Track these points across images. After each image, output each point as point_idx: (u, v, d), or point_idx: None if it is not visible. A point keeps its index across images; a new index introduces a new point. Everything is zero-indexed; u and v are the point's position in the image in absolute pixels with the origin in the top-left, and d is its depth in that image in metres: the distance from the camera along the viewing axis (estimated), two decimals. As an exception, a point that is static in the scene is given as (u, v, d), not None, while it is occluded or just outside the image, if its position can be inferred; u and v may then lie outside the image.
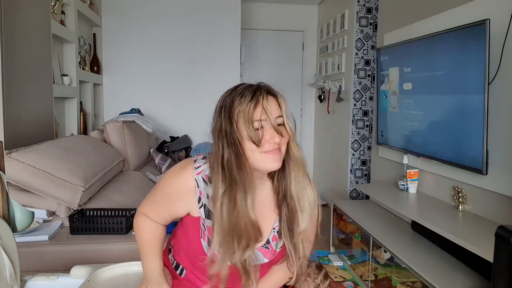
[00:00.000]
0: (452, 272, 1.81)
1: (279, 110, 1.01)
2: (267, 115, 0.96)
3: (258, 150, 0.97)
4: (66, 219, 1.90)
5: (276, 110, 1.00)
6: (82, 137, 2.63)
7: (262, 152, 0.97)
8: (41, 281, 1.26)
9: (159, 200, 1.12)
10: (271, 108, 0.98)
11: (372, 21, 3.70)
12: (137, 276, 1.18)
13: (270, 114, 0.97)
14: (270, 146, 0.96)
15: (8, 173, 1.67)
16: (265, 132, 0.97)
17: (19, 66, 2.17)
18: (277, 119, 0.99)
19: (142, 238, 1.15)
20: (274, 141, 0.96)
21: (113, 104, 4.00)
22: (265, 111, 0.96)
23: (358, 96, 3.78)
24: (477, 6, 1.97)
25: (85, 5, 3.38)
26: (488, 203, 1.90)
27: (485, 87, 1.75)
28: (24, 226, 1.17)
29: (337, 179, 4.14)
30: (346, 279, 2.57)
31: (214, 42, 4.10)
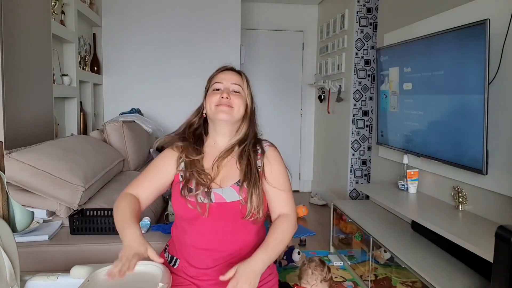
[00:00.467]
0: (452, 272, 1.81)
1: (238, 81, 1.34)
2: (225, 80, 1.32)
3: (214, 103, 1.29)
4: (66, 219, 1.90)
5: (235, 79, 1.34)
6: (82, 137, 2.63)
7: (216, 105, 1.29)
8: (41, 281, 1.26)
9: (145, 173, 1.34)
10: (230, 77, 1.34)
11: (372, 21, 3.70)
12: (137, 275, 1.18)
13: (226, 80, 1.32)
14: (220, 100, 1.28)
15: (8, 173, 1.68)
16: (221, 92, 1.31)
17: (19, 66, 2.17)
18: (233, 85, 1.32)
19: (118, 211, 1.23)
20: (223, 96, 1.28)
21: (113, 104, 4.00)
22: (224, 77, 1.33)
23: (358, 96, 3.79)
24: (477, 6, 1.97)
25: (85, 5, 3.38)
26: (488, 203, 1.90)
27: (485, 87, 1.75)
28: (24, 226, 1.17)
29: (337, 179, 4.14)
30: (346, 279, 2.57)
31: (214, 42, 4.10)
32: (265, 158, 1.34)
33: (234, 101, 1.29)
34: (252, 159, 1.31)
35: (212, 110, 1.29)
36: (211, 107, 1.29)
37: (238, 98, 1.31)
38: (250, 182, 1.27)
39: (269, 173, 1.32)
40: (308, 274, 1.88)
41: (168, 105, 4.08)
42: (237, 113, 1.30)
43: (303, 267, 1.94)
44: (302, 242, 3.19)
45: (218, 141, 1.35)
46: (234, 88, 1.32)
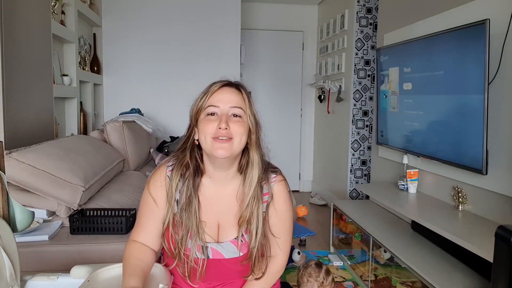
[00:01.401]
0: (452, 272, 1.81)
1: (239, 102, 1.08)
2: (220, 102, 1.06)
3: (209, 134, 1.05)
4: (66, 219, 1.90)
5: (235, 101, 1.08)
6: (82, 137, 2.63)
7: (213, 138, 1.05)
8: (41, 281, 1.26)
9: (143, 213, 1.17)
10: (228, 97, 1.07)
11: (372, 21, 3.70)
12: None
13: (224, 102, 1.06)
14: (219, 132, 1.04)
15: (8, 173, 1.68)
16: (217, 118, 1.06)
17: (19, 66, 2.17)
18: (233, 109, 1.07)
19: (128, 261, 1.10)
20: (221, 127, 1.03)
21: (113, 104, 4.00)
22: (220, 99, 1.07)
23: (358, 96, 3.79)
24: (477, 6, 1.97)
25: (85, 5, 3.38)
26: (488, 203, 1.90)
27: (485, 87, 1.75)
28: (24, 226, 1.17)
29: (337, 179, 4.14)
30: (346, 279, 2.57)
31: (214, 42, 4.10)
32: (271, 202, 1.15)
33: (234, 131, 1.05)
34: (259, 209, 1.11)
35: (208, 144, 1.05)
36: (206, 139, 1.05)
37: (239, 125, 1.06)
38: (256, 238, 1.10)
39: (274, 224, 1.16)
40: (303, 281, 1.82)
41: (168, 105, 4.08)
42: (238, 145, 1.07)
43: (299, 273, 1.88)
44: (302, 242, 3.19)
45: (214, 175, 1.14)
46: (234, 111, 1.07)
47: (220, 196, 1.15)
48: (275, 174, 1.18)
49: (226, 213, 1.14)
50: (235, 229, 1.14)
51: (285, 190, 1.19)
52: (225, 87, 1.10)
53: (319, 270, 1.84)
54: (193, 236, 1.10)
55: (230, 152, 1.05)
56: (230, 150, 1.05)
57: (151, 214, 1.16)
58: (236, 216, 1.14)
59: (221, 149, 1.04)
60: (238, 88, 1.11)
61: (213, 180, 1.15)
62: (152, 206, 1.15)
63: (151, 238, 1.17)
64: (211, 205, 1.14)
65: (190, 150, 1.13)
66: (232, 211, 1.14)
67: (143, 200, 1.18)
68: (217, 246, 1.13)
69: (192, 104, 1.12)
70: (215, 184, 1.15)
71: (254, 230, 1.11)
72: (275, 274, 1.22)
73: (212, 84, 1.11)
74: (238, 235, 1.13)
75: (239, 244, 1.13)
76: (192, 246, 1.10)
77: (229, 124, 1.05)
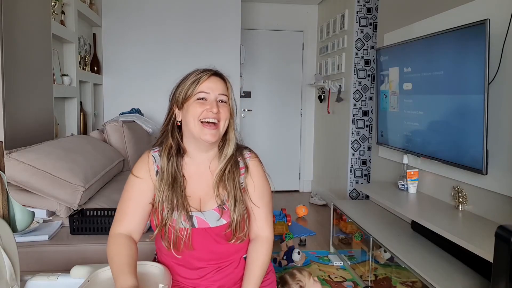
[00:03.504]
0: (452, 272, 1.81)
1: (224, 90, 1.22)
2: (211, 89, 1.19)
3: (198, 117, 1.17)
4: (66, 219, 1.90)
5: (221, 88, 1.21)
6: (82, 137, 2.63)
7: (202, 122, 1.17)
8: (41, 281, 1.26)
9: (127, 197, 1.23)
10: (217, 86, 1.20)
11: (372, 21, 3.70)
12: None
13: (213, 89, 1.19)
14: (209, 114, 1.16)
15: (8, 173, 1.68)
16: (207, 103, 1.18)
17: (19, 66, 2.17)
18: (220, 96, 1.20)
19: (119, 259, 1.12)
20: (212, 111, 1.16)
21: (113, 104, 4.00)
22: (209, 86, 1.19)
23: (358, 96, 3.79)
24: (477, 6, 1.97)
25: (85, 5, 3.38)
26: (488, 203, 1.90)
27: (485, 87, 1.75)
28: (24, 226, 1.17)
29: (337, 179, 4.14)
30: (346, 279, 2.57)
31: (214, 42, 4.10)
32: (248, 174, 1.26)
33: (221, 115, 1.19)
34: (236, 179, 1.23)
35: (197, 129, 1.17)
36: (194, 121, 1.17)
37: (226, 110, 1.20)
38: (235, 205, 1.20)
39: (252, 191, 1.26)
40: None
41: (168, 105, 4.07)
42: (223, 129, 1.21)
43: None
44: (302, 242, 3.19)
45: (195, 156, 1.25)
46: (221, 98, 1.21)
47: (200, 173, 1.25)
48: (249, 151, 1.31)
49: (206, 188, 1.24)
50: (215, 199, 1.23)
51: (260, 166, 1.30)
52: (213, 76, 1.22)
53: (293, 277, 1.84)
54: (178, 208, 1.18)
55: (216, 137, 1.19)
56: (217, 135, 1.19)
57: (138, 200, 1.22)
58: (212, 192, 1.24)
59: (209, 134, 1.17)
60: (222, 78, 1.25)
61: (193, 160, 1.25)
62: (139, 192, 1.22)
63: (136, 226, 1.21)
64: (192, 182, 1.24)
65: (172, 132, 1.25)
66: (212, 185, 1.24)
67: (129, 187, 1.23)
68: (201, 215, 1.21)
69: (174, 89, 1.25)
70: (194, 163, 1.25)
71: (233, 199, 1.21)
72: (267, 264, 1.28)
73: (199, 72, 1.22)
74: (218, 204, 1.22)
75: (221, 212, 1.21)
76: (178, 217, 1.17)
77: (218, 109, 1.18)
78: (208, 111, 1.16)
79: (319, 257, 2.93)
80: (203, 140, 1.17)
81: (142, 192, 1.22)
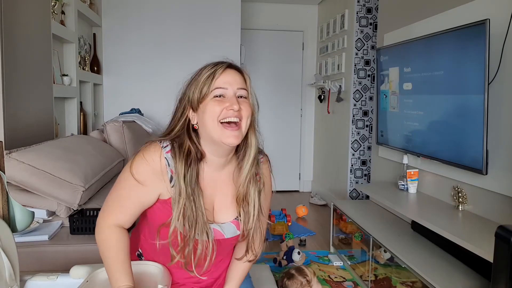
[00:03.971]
0: (452, 272, 1.81)
1: (243, 83, 1.06)
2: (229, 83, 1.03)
3: (218, 118, 1.00)
4: (66, 219, 1.90)
5: (239, 82, 1.05)
6: (82, 137, 2.63)
7: (222, 123, 1.01)
8: (41, 281, 1.26)
9: (125, 196, 1.08)
10: (235, 79, 1.04)
11: (372, 21, 3.70)
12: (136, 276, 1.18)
13: (231, 84, 1.03)
14: (229, 113, 1.00)
15: (8, 173, 1.67)
16: (225, 100, 1.02)
17: (19, 66, 2.17)
18: (239, 91, 1.04)
19: (114, 254, 1.05)
20: (233, 108, 1.00)
21: (113, 104, 4.00)
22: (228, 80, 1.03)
23: (358, 96, 3.78)
24: (477, 6, 1.97)
25: (85, 5, 3.38)
26: (488, 203, 1.90)
27: (485, 87, 1.75)
28: (24, 226, 1.17)
29: (337, 179, 4.14)
30: (346, 279, 2.57)
31: (214, 42, 4.10)
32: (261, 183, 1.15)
33: (243, 112, 1.02)
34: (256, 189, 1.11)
35: (218, 132, 1.01)
36: (213, 122, 1.01)
37: (247, 106, 1.04)
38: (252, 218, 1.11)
39: (262, 203, 1.15)
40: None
41: (168, 105, 4.05)
42: (245, 129, 1.04)
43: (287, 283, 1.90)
44: (302, 242, 3.19)
45: (212, 161, 1.09)
46: (240, 93, 1.04)
47: (216, 180, 1.12)
48: (261, 155, 1.17)
49: (221, 195, 1.12)
50: (232, 209, 1.13)
51: (269, 169, 1.19)
52: (229, 69, 1.06)
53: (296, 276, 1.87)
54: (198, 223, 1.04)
55: (239, 139, 1.03)
56: (240, 136, 1.03)
57: (138, 201, 1.07)
58: (232, 197, 1.13)
59: (232, 137, 1.01)
60: (239, 70, 1.09)
61: (209, 165, 1.10)
62: (140, 190, 1.06)
63: (131, 220, 1.10)
64: (206, 189, 1.10)
65: (189, 134, 1.07)
66: (227, 193, 1.13)
67: (128, 181, 1.07)
68: (218, 227, 1.11)
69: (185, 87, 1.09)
70: (210, 169, 1.11)
71: (252, 211, 1.10)
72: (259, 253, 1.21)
73: (212, 65, 1.07)
74: (237, 215, 1.12)
75: (240, 224, 1.12)
76: (200, 236, 1.05)
77: (240, 106, 1.02)
78: (228, 109, 1.00)
79: (319, 257, 2.93)
80: (225, 143, 1.01)
81: (148, 190, 1.06)
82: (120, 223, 1.09)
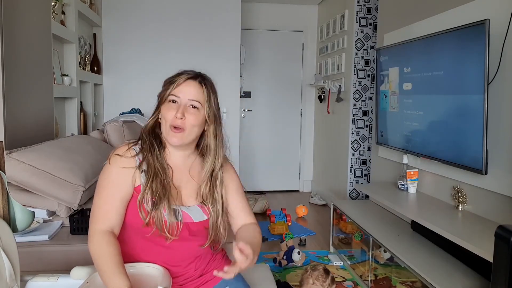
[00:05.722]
0: (452, 272, 1.81)
1: (198, 95, 1.19)
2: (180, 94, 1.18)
3: (168, 121, 1.17)
4: (66, 219, 1.90)
5: (193, 93, 1.19)
6: (82, 137, 2.63)
7: (170, 125, 1.17)
8: (42, 282, 1.27)
9: (106, 195, 1.16)
10: (188, 89, 1.18)
11: (372, 21, 3.70)
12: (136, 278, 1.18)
13: (184, 93, 1.18)
14: (174, 120, 1.16)
15: (9, 173, 1.67)
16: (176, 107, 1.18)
17: (20, 66, 2.17)
18: (191, 101, 1.18)
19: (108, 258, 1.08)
20: (177, 116, 1.15)
21: (113, 104, 4.00)
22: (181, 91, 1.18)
23: (358, 96, 3.79)
24: (477, 6, 1.97)
25: (85, 5, 3.38)
26: (488, 203, 1.91)
27: (485, 87, 1.76)
28: (25, 226, 1.17)
29: (337, 179, 4.14)
30: (346, 279, 2.57)
31: (214, 42, 4.10)
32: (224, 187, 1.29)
33: (188, 121, 1.17)
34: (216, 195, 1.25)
35: (166, 130, 1.19)
36: (165, 124, 1.18)
37: (194, 117, 1.18)
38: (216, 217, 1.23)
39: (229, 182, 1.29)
40: (308, 283, 1.81)
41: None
42: (189, 135, 1.19)
43: (305, 274, 1.87)
44: (302, 242, 3.19)
45: (172, 152, 1.25)
46: (192, 103, 1.18)
47: (180, 169, 1.25)
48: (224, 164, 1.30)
49: (187, 182, 1.25)
50: (195, 198, 1.25)
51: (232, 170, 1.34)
52: (189, 80, 1.20)
53: (326, 276, 1.84)
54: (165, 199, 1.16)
55: (181, 141, 1.18)
56: (182, 139, 1.18)
57: (118, 196, 1.16)
58: (193, 189, 1.25)
59: (174, 137, 1.17)
60: (200, 83, 1.21)
61: (171, 154, 1.25)
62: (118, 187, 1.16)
63: (118, 221, 1.16)
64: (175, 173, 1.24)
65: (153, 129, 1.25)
66: (190, 184, 1.25)
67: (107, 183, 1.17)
68: (186, 210, 1.21)
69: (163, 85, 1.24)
70: (174, 157, 1.25)
71: (215, 212, 1.24)
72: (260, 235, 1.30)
73: (180, 73, 1.22)
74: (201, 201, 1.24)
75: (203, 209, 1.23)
76: (168, 213, 1.16)
77: (184, 115, 1.16)
78: (175, 116, 1.16)
79: (319, 257, 2.93)
80: (169, 142, 1.19)
81: (122, 186, 1.17)
82: (110, 225, 1.15)
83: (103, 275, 1.06)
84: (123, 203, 1.17)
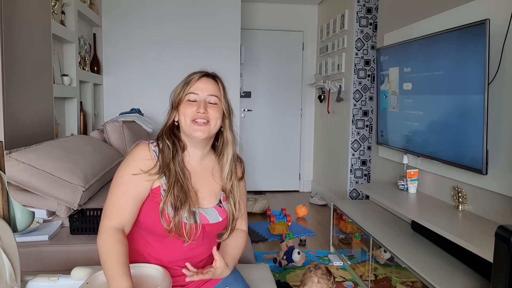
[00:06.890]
0: (452, 272, 1.81)
1: (215, 91, 1.24)
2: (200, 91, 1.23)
3: (189, 117, 1.21)
4: (66, 219, 1.90)
5: (211, 89, 1.24)
6: (82, 137, 2.63)
7: (191, 120, 1.21)
8: (42, 282, 1.26)
9: (121, 193, 1.17)
10: (206, 86, 1.23)
11: (372, 21, 3.70)
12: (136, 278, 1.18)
13: (202, 90, 1.23)
14: (197, 115, 1.20)
15: (8, 173, 1.68)
16: (196, 104, 1.22)
17: (19, 66, 2.17)
18: (209, 97, 1.23)
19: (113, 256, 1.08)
20: (200, 111, 1.20)
21: (113, 104, 4.00)
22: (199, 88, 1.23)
23: (358, 96, 3.79)
24: (477, 6, 1.97)
25: (85, 5, 3.38)
26: (488, 203, 1.90)
27: (485, 87, 1.75)
28: (25, 226, 1.17)
29: (337, 179, 4.14)
30: (346, 279, 2.57)
31: (214, 42, 4.10)
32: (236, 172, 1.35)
33: (211, 115, 1.21)
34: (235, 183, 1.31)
35: (188, 125, 1.21)
36: (186, 120, 1.21)
37: (215, 110, 1.23)
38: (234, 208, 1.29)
39: (241, 189, 1.35)
40: (313, 281, 1.79)
41: (168, 105, 4.07)
42: (213, 127, 1.23)
43: (308, 273, 1.85)
44: (302, 242, 3.19)
45: (191, 153, 1.27)
46: (210, 99, 1.23)
47: (197, 171, 1.28)
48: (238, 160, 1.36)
49: (202, 185, 1.28)
50: (213, 198, 1.28)
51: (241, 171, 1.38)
52: (204, 77, 1.25)
53: (330, 275, 1.84)
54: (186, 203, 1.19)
55: (207, 134, 1.21)
56: (207, 132, 1.21)
57: (135, 195, 1.17)
58: (211, 188, 1.29)
59: (199, 131, 1.20)
60: (214, 79, 1.27)
61: (190, 155, 1.28)
62: (136, 187, 1.17)
63: (131, 219, 1.17)
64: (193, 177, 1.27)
65: (171, 130, 1.28)
66: (208, 184, 1.29)
67: (124, 181, 1.18)
68: (203, 211, 1.24)
69: (173, 90, 1.28)
70: (192, 160, 1.28)
71: (232, 202, 1.29)
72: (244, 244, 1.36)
73: (192, 74, 1.26)
74: (217, 203, 1.28)
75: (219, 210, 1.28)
76: (187, 215, 1.19)
77: (206, 109, 1.21)
78: (197, 112, 1.20)
79: (319, 257, 2.93)
80: (194, 136, 1.21)
81: (139, 186, 1.17)
82: (121, 223, 1.14)
83: (107, 272, 1.06)
84: (137, 202, 1.18)
